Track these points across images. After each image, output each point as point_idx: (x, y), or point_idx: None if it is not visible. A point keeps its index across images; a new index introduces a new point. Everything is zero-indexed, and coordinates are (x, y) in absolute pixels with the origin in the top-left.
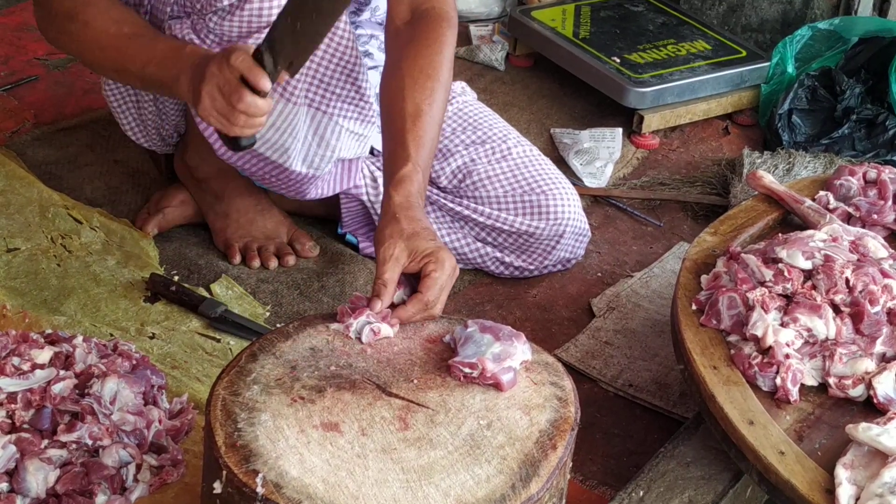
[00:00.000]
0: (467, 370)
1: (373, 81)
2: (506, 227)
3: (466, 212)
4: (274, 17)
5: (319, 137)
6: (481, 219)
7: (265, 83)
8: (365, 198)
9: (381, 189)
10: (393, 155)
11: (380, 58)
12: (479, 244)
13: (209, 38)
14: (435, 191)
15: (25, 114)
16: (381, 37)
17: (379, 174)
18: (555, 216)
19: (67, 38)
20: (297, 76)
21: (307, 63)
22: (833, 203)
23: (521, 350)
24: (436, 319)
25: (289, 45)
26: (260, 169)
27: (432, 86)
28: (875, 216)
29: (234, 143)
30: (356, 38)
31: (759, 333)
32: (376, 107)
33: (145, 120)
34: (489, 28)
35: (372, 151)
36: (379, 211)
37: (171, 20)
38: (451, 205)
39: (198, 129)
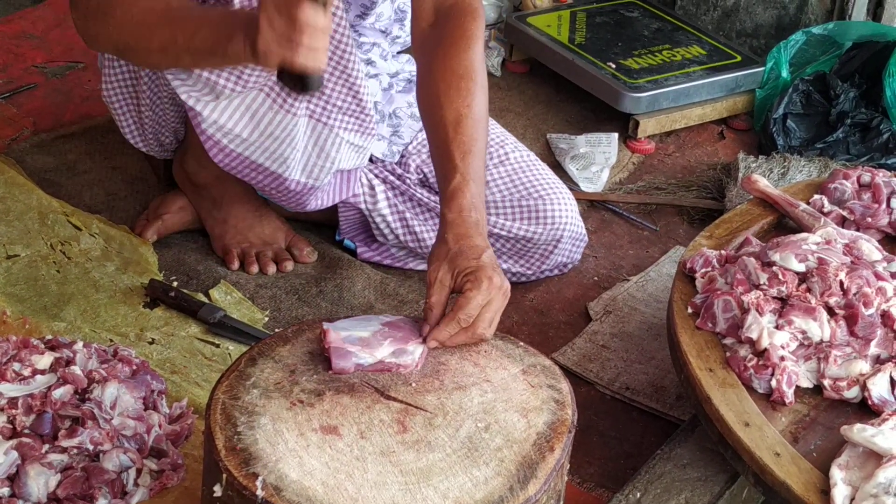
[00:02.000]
0: (323, 335)
1: (372, 90)
2: (503, 233)
3: None
4: None
5: (319, 149)
6: None
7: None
8: (363, 206)
9: (378, 197)
10: (441, 169)
11: (382, 66)
12: None
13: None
14: (433, 198)
15: (24, 121)
16: (384, 45)
17: (377, 182)
18: (552, 221)
19: (113, 29)
20: None
21: None
22: (827, 206)
23: (385, 352)
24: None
25: None
26: (260, 181)
27: (468, 86)
28: (869, 219)
29: (301, 82)
30: (358, 48)
31: (754, 336)
32: (376, 117)
33: (145, 124)
34: (485, 34)
35: (371, 159)
36: (376, 219)
37: None
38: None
39: (196, 135)
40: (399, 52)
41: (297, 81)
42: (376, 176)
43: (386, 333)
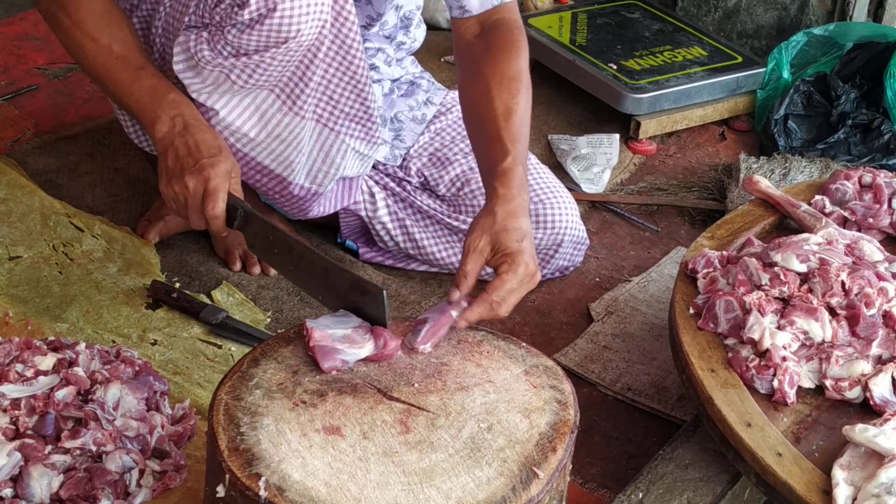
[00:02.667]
0: (308, 334)
1: (377, 95)
2: None
3: (464, 226)
4: (293, 34)
5: (325, 154)
6: None
7: (221, 234)
8: (363, 213)
9: (379, 205)
10: (491, 152)
11: (385, 71)
12: None
13: (226, 49)
14: (432, 205)
15: (26, 123)
16: (388, 50)
17: (377, 189)
18: (553, 226)
19: (59, 30)
20: (307, 90)
21: (318, 79)
22: (829, 207)
23: (369, 347)
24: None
25: (260, 240)
26: (265, 183)
27: (517, 87)
28: (870, 220)
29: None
30: (364, 53)
31: (756, 336)
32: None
33: None
34: None
35: (372, 165)
36: (377, 226)
37: (186, 30)
38: (448, 220)
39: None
40: (402, 58)
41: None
42: (377, 183)
43: (367, 327)
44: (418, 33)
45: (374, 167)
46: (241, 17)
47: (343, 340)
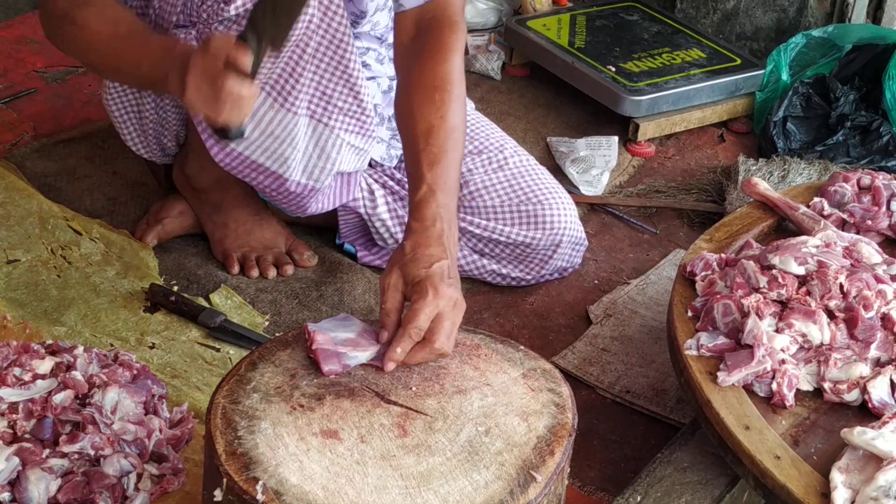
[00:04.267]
0: (310, 337)
1: (371, 93)
2: (502, 239)
3: (463, 224)
4: None
5: (320, 149)
6: (478, 231)
7: (246, 60)
8: (362, 210)
9: (378, 202)
10: (411, 179)
11: (377, 69)
12: (476, 256)
13: None
14: None
15: (24, 126)
16: (379, 49)
17: (377, 186)
18: (551, 226)
19: (66, 41)
20: (298, 86)
21: (310, 74)
22: (827, 209)
23: (369, 354)
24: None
25: (269, 23)
26: (262, 181)
27: (441, 97)
28: (869, 222)
29: (222, 133)
30: (357, 52)
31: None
32: (376, 120)
33: (146, 129)
34: (485, 38)
35: (371, 164)
36: (376, 224)
37: (176, 28)
38: None
39: (198, 138)
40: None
41: (219, 132)
42: (376, 181)
43: (371, 332)
44: None
45: (371, 166)
46: (227, 13)
47: (346, 344)
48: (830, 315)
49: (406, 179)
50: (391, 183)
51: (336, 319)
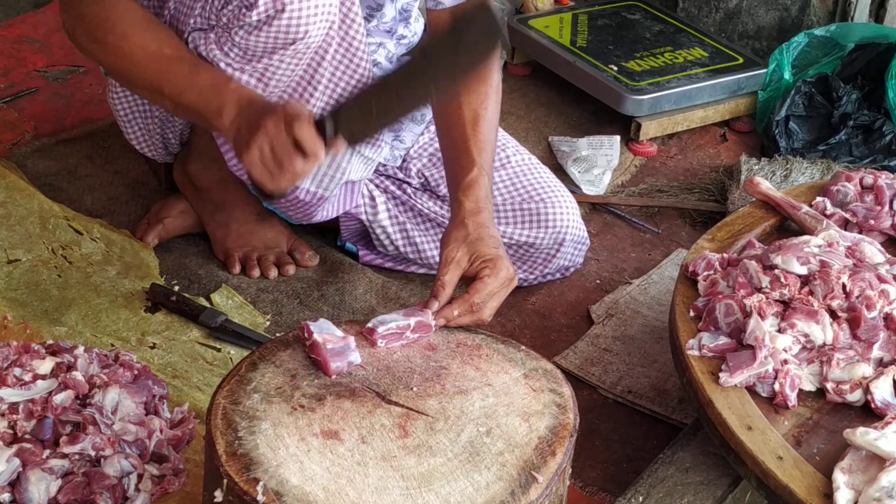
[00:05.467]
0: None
1: None
2: (504, 239)
3: None
4: (301, 35)
5: (332, 159)
6: None
7: (321, 157)
8: (363, 217)
9: (379, 208)
10: (457, 162)
11: (387, 67)
12: None
13: (233, 51)
14: (433, 207)
15: (25, 126)
16: (389, 46)
17: (378, 193)
18: (553, 225)
19: (100, 49)
20: (316, 94)
21: (325, 82)
22: (830, 209)
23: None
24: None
25: (358, 121)
26: None
27: (486, 90)
28: (872, 221)
29: (267, 195)
30: (370, 59)
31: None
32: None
33: (151, 128)
34: None
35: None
36: (377, 230)
37: (193, 32)
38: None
39: (202, 138)
40: (403, 55)
41: (262, 192)
42: (377, 186)
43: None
44: (417, 27)
45: (374, 172)
46: (250, 18)
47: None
48: (833, 315)
49: (407, 180)
50: (392, 188)
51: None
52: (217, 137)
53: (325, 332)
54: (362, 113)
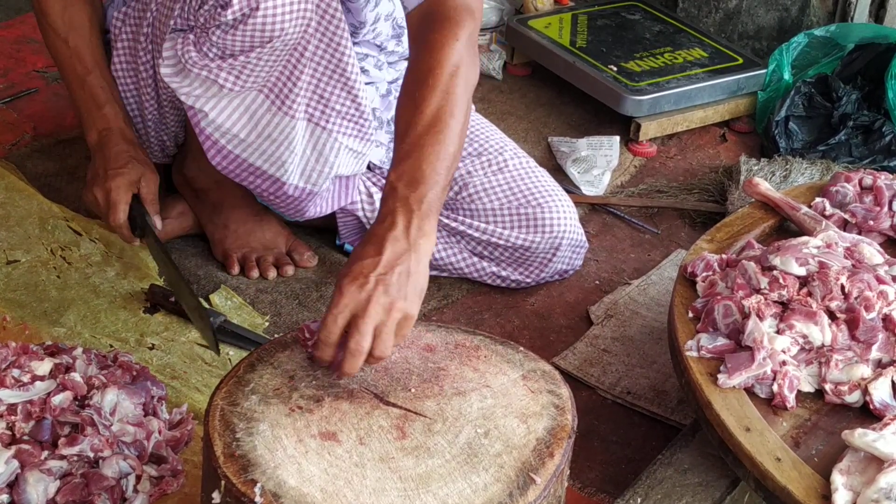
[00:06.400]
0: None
1: (370, 97)
2: (501, 242)
3: (462, 227)
4: (277, 33)
5: (318, 153)
6: (476, 234)
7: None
8: (360, 213)
9: (377, 205)
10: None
11: (376, 74)
12: (476, 259)
13: (211, 51)
14: None
15: (25, 126)
16: (378, 56)
17: (375, 190)
18: (550, 229)
19: (43, 35)
20: (296, 90)
21: (307, 78)
22: (829, 210)
23: None
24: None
25: (155, 257)
26: (259, 184)
27: (421, 93)
28: (871, 222)
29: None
30: (355, 56)
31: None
32: (374, 123)
33: (147, 131)
34: (486, 37)
35: (370, 167)
36: None
37: (173, 33)
38: (445, 220)
39: (196, 139)
40: (396, 62)
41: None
42: (374, 184)
43: None
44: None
45: (371, 169)
46: (225, 17)
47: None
48: (832, 316)
49: None
50: None
51: None
52: (202, 141)
53: None
54: (157, 253)
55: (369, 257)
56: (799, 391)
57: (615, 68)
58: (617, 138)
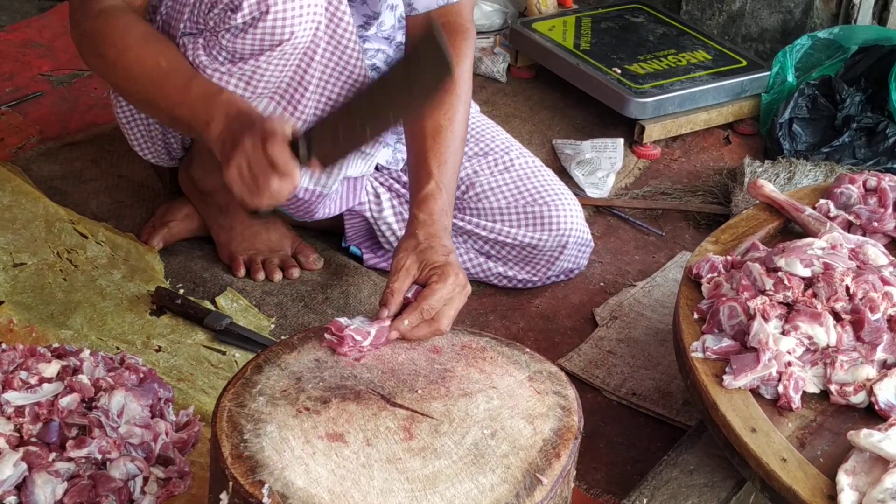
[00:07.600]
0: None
1: None
2: (508, 240)
3: (469, 227)
4: (287, 36)
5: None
6: (483, 233)
7: (296, 179)
8: (368, 214)
9: (384, 205)
10: (416, 175)
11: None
12: (483, 258)
13: (221, 55)
14: None
15: (31, 129)
16: (388, 51)
17: (382, 190)
18: (557, 227)
19: (102, 64)
20: (307, 94)
21: (316, 81)
22: (833, 211)
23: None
24: (443, 335)
25: (328, 145)
26: None
27: (451, 101)
28: (875, 224)
29: (252, 212)
30: (364, 54)
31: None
32: None
33: (153, 134)
34: (490, 40)
35: (376, 167)
36: (381, 227)
37: (183, 37)
38: (453, 220)
39: (203, 142)
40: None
41: (246, 208)
42: (381, 184)
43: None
44: None
45: (377, 170)
46: (235, 21)
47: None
48: (837, 317)
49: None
50: (396, 186)
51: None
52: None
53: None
54: (331, 136)
55: (453, 252)
56: (804, 392)
57: (619, 71)
58: (621, 140)
